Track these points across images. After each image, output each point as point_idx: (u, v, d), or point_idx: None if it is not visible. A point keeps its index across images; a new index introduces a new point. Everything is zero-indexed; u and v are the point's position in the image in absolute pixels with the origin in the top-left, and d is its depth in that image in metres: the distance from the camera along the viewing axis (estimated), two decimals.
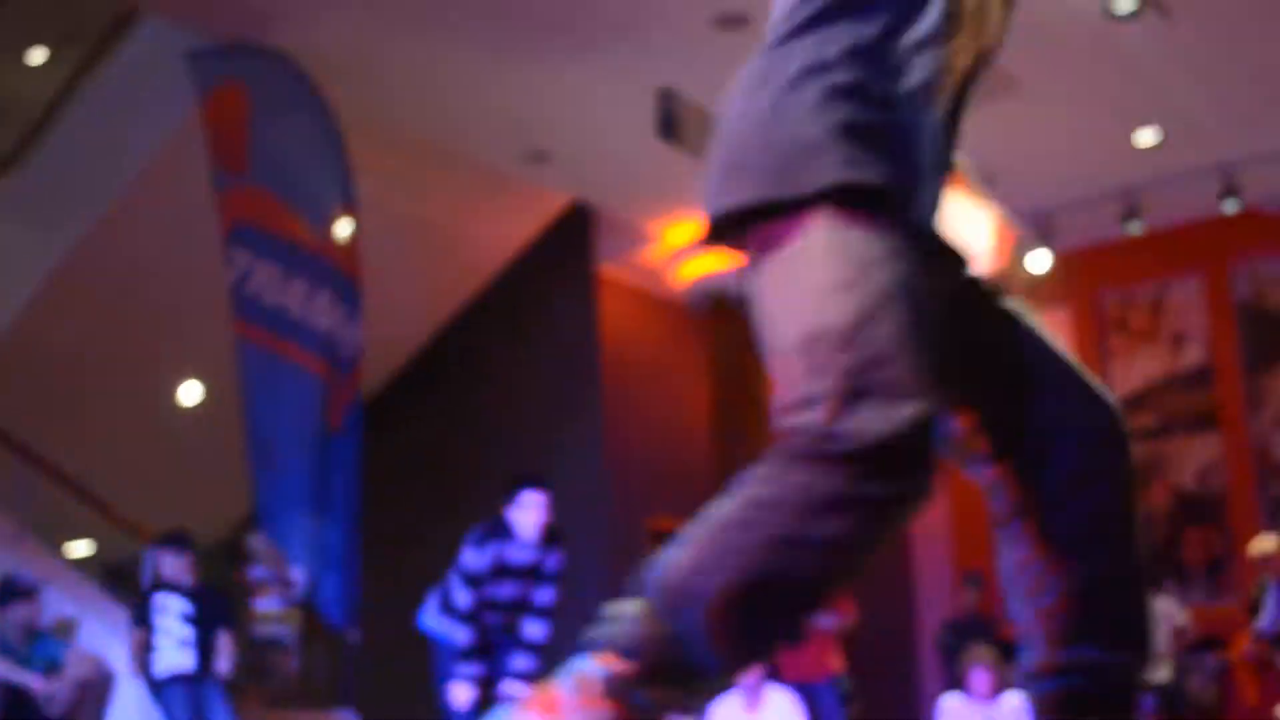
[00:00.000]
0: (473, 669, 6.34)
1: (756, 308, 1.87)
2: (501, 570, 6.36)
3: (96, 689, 7.18)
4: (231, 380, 8.70)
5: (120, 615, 8.15)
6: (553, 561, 6.47)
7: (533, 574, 6.42)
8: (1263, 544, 9.49)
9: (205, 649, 7.44)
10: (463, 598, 6.36)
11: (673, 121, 9.29)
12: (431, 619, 6.66)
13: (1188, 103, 9.74)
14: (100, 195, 9.62)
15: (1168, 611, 10.20)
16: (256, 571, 8.37)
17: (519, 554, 6.38)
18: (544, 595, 6.45)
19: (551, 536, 6.45)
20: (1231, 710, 9.89)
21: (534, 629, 6.45)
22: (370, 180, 9.08)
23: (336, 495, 8.37)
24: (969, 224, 2.32)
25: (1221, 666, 10.05)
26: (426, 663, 8.36)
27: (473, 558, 6.34)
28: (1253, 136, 10.25)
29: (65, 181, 9.74)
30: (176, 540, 7.69)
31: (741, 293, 1.92)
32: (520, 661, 6.40)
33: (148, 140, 9.46)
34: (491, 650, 6.44)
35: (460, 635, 6.37)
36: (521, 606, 6.43)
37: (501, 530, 6.38)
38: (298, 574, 8.25)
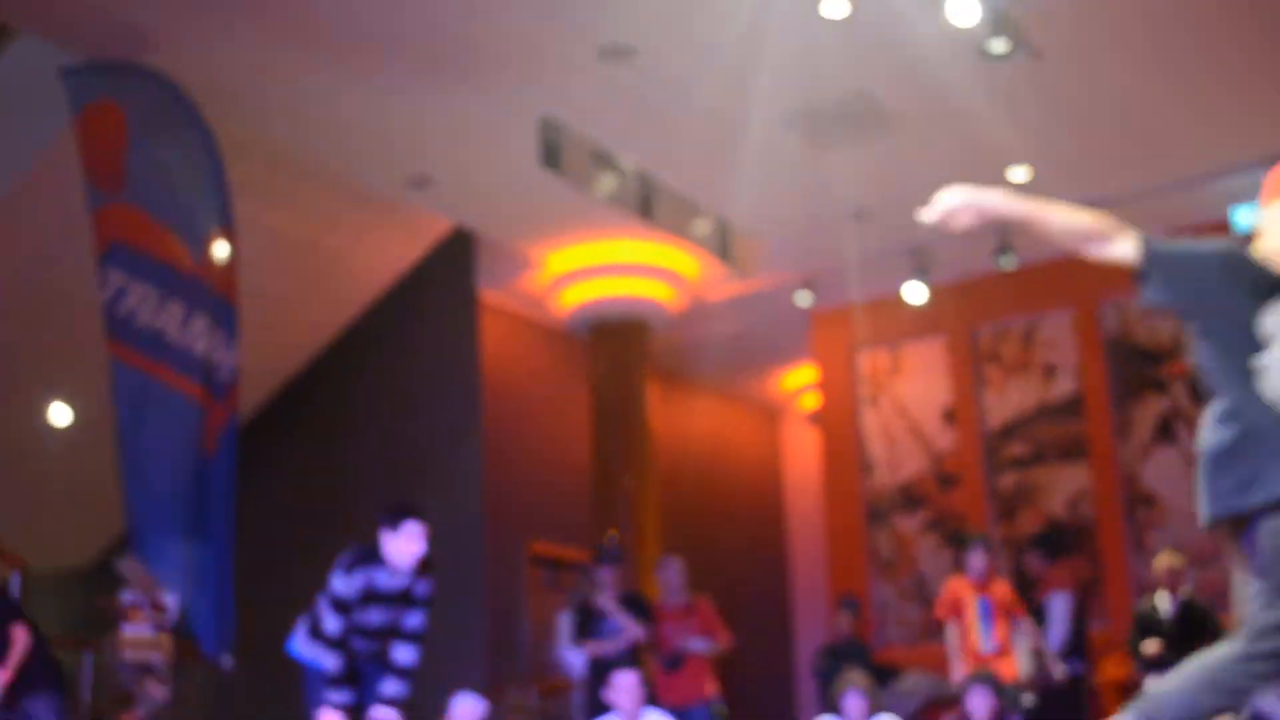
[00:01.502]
0: (342, 696, 6.25)
1: None
2: (371, 597, 6.31)
3: None
4: (104, 402, 8.56)
5: None
6: (423, 588, 6.43)
7: (403, 600, 6.38)
8: (1168, 559, 9.73)
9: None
10: (331, 624, 6.27)
11: (555, 151, 9.35)
12: (301, 645, 6.60)
13: (1057, 142, 10.00)
14: None
15: (1033, 633, 10.41)
16: (127, 596, 8.22)
17: (389, 580, 6.33)
18: (414, 620, 6.40)
19: (424, 565, 6.42)
20: None
21: (404, 654, 6.41)
22: (250, 202, 9.01)
23: (211, 520, 8.27)
24: None
25: (1089, 689, 10.26)
26: (298, 690, 8.29)
27: (342, 584, 6.25)
28: (1119, 177, 10.55)
29: None
30: None
31: None
32: (390, 686, 6.36)
33: (19, 156, 9.30)
34: (360, 677, 6.39)
35: (329, 661, 6.28)
36: (391, 632, 6.39)
37: (372, 557, 6.29)
38: (170, 599, 8.13)
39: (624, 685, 7.84)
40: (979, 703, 8.33)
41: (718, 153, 9.82)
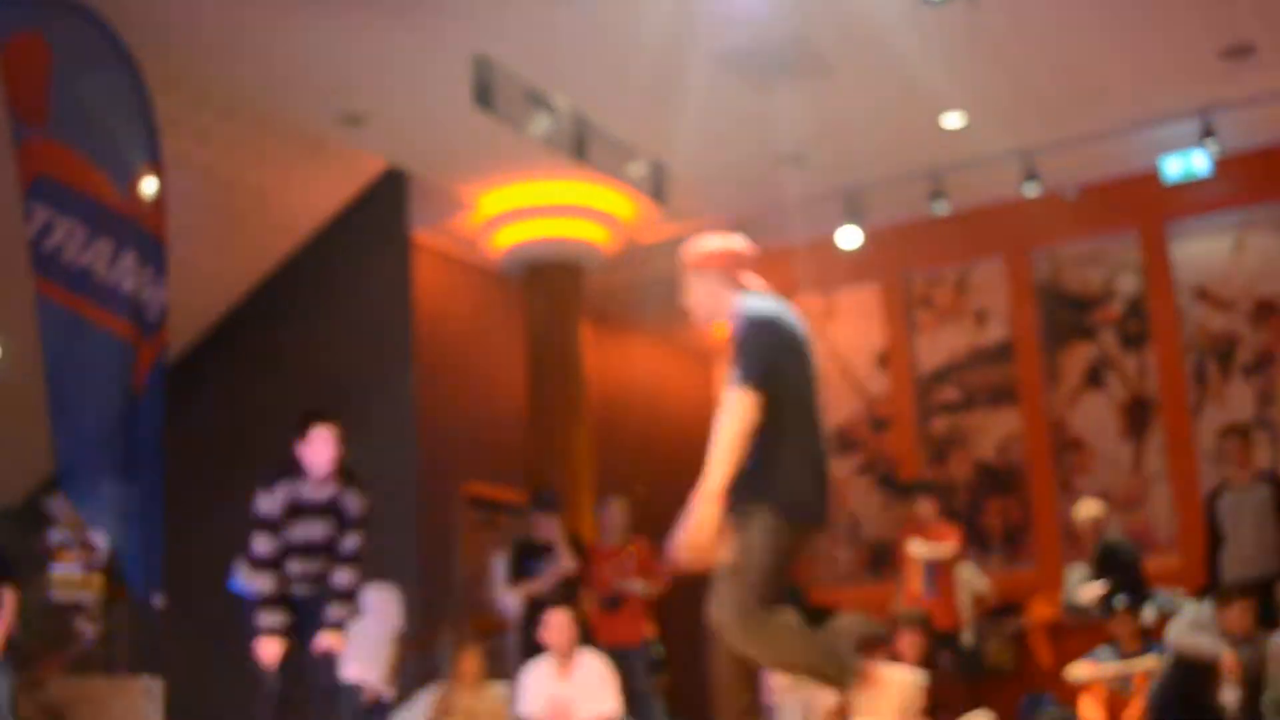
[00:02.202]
0: (275, 618, 6.20)
1: None
2: (296, 510, 6.28)
3: None
4: (31, 339, 8.43)
5: None
6: (352, 503, 6.39)
7: (331, 514, 6.34)
8: (1090, 508, 9.88)
9: None
10: (261, 544, 6.24)
11: (488, 89, 9.26)
12: (240, 579, 6.57)
13: (992, 89, 10.04)
14: None
15: (967, 577, 10.55)
16: (55, 535, 8.14)
17: (313, 493, 6.32)
18: (349, 543, 6.37)
19: (346, 475, 6.40)
20: (1027, 671, 10.27)
21: (343, 577, 6.37)
22: (179, 139, 8.88)
23: (140, 458, 8.18)
24: None
25: (1018, 630, 10.43)
26: (232, 627, 8.26)
27: (264, 501, 6.25)
28: (1053, 124, 10.61)
29: None
30: None
31: None
32: (334, 611, 6.34)
33: None
34: (297, 603, 6.34)
35: (261, 583, 6.25)
36: (327, 551, 6.34)
37: (291, 469, 6.30)
38: (99, 538, 8.05)
39: (556, 624, 7.88)
40: (908, 643, 8.44)
41: (654, 94, 9.78)
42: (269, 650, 6.18)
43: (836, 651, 4.35)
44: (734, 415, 4.30)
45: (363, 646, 7.87)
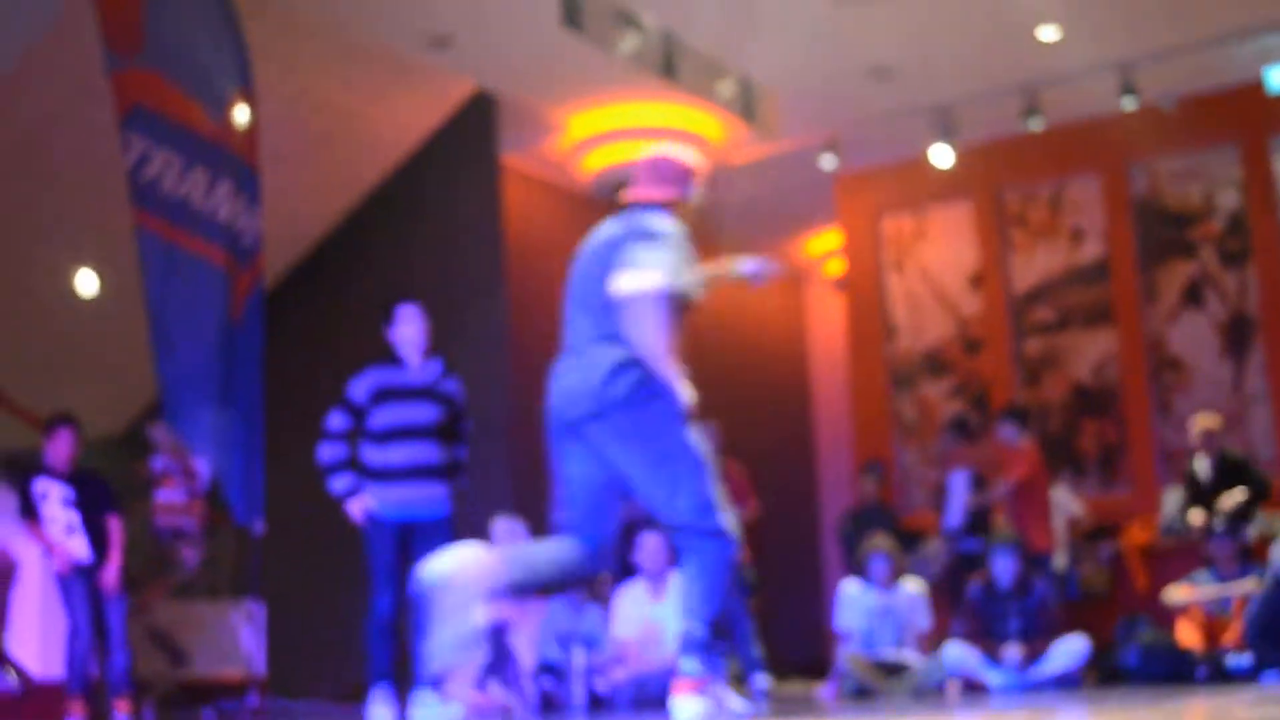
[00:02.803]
0: (346, 479, 6.37)
1: None
2: (386, 393, 6.38)
3: None
4: (130, 269, 8.53)
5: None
6: (451, 385, 6.54)
7: (429, 395, 6.46)
8: (1205, 420, 9.73)
9: (95, 536, 7.35)
10: (335, 419, 6.43)
11: (577, 9, 9.19)
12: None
13: (1087, 1, 9.81)
14: None
15: (1062, 501, 10.47)
16: (158, 462, 8.29)
17: (404, 376, 6.44)
18: (466, 424, 6.57)
19: (440, 361, 6.56)
20: (1122, 595, 10.20)
21: (463, 452, 6.56)
22: (267, 65, 8.89)
23: (239, 386, 8.29)
24: None
25: (1114, 553, 10.34)
26: (330, 552, 8.41)
27: (353, 385, 6.43)
28: (1151, 35, 10.36)
29: None
30: (56, 424, 7.52)
31: None
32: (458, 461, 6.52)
33: (36, 17, 9.17)
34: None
35: (328, 452, 6.43)
36: (432, 432, 6.40)
37: (384, 358, 6.49)
38: (200, 465, 8.19)
39: (649, 547, 7.92)
40: (1004, 565, 8.39)
41: (742, 11, 9.66)
42: (356, 508, 6.37)
43: None
44: None
45: None
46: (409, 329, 6.50)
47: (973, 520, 9.88)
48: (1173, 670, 8.13)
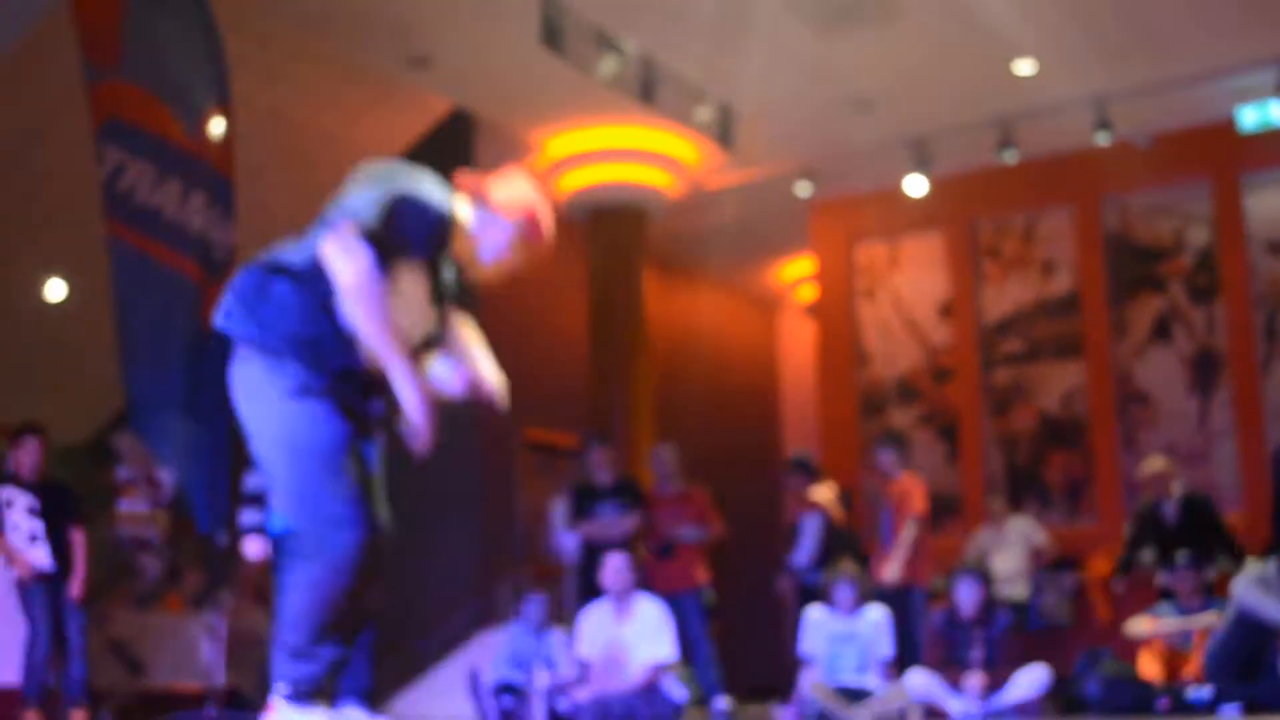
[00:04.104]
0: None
1: None
2: None
3: None
4: (100, 278, 8.52)
5: None
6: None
7: None
8: (1154, 464, 9.68)
9: (58, 546, 7.32)
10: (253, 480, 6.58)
11: (557, 30, 9.22)
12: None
13: (1064, 35, 9.88)
14: None
15: (1026, 531, 10.49)
16: (123, 472, 8.26)
17: None
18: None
19: None
20: (1084, 626, 10.22)
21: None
22: (247, 80, 8.90)
23: (206, 398, 8.27)
24: None
25: (1076, 585, 10.37)
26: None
27: None
28: (1127, 71, 10.44)
29: None
30: (23, 432, 7.50)
31: None
32: None
33: (13, 28, 9.16)
34: None
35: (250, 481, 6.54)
36: None
37: None
38: (166, 475, 8.16)
39: (613, 566, 7.91)
40: (967, 594, 8.40)
41: (722, 37, 9.71)
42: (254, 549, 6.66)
43: None
44: None
45: None
46: None
47: (822, 558, 9.56)
48: (1134, 701, 8.14)
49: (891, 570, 8.92)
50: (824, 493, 9.49)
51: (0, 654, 7.71)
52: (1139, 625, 8.52)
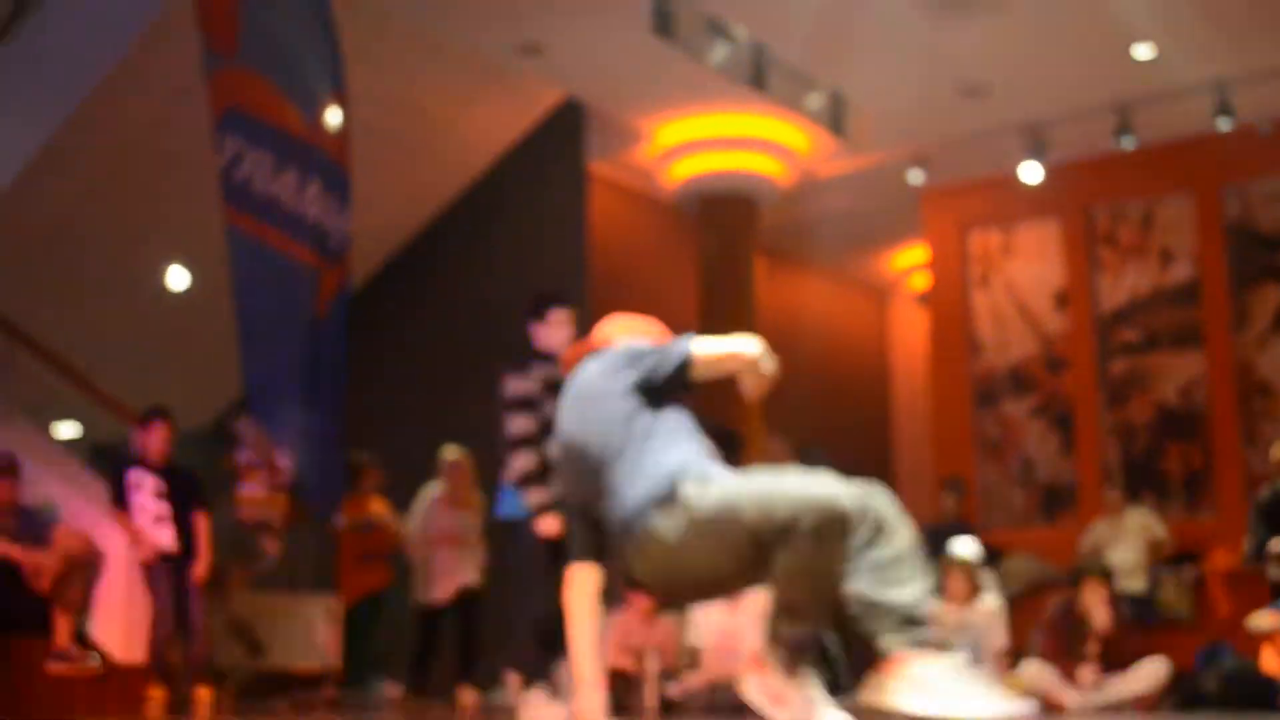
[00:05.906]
0: (545, 494, 5.67)
1: None
2: (557, 388, 5.08)
3: (84, 566, 7.20)
4: (220, 265, 8.67)
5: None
6: None
7: None
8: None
9: (182, 529, 7.49)
10: (519, 423, 5.74)
11: (668, 18, 9.22)
12: (506, 502, 6.08)
13: (1183, 18, 9.69)
14: (89, 73, 9.51)
15: (1145, 524, 10.32)
16: (242, 456, 8.40)
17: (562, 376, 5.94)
18: None
19: None
20: (1204, 621, 10.04)
21: None
22: (360, 68, 8.99)
23: (323, 383, 8.38)
24: None
25: (1196, 578, 10.18)
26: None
27: (518, 382, 5.80)
28: (1248, 55, 10.21)
29: (53, 58, 9.63)
30: (151, 417, 7.68)
31: None
32: None
33: (137, 17, 9.36)
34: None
35: (519, 461, 5.76)
36: None
37: (540, 353, 5.90)
38: (283, 459, 8.29)
39: None
40: (1091, 590, 8.28)
41: (834, 24, 9.64)
42: (549, 526, 5.68)
43: None
44: None
45: None
46: (562, 332, 5.91)
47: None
48: (1255, 697, 7.98)
49: None
50: None
51: (128, 633, 7.91)
52: (1262, 620, 8.35)
